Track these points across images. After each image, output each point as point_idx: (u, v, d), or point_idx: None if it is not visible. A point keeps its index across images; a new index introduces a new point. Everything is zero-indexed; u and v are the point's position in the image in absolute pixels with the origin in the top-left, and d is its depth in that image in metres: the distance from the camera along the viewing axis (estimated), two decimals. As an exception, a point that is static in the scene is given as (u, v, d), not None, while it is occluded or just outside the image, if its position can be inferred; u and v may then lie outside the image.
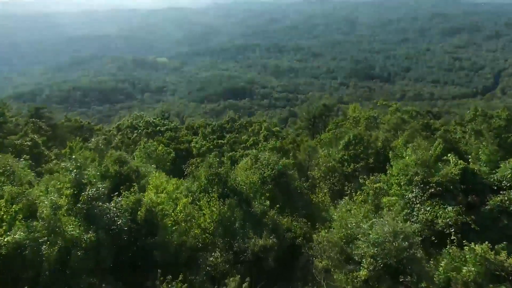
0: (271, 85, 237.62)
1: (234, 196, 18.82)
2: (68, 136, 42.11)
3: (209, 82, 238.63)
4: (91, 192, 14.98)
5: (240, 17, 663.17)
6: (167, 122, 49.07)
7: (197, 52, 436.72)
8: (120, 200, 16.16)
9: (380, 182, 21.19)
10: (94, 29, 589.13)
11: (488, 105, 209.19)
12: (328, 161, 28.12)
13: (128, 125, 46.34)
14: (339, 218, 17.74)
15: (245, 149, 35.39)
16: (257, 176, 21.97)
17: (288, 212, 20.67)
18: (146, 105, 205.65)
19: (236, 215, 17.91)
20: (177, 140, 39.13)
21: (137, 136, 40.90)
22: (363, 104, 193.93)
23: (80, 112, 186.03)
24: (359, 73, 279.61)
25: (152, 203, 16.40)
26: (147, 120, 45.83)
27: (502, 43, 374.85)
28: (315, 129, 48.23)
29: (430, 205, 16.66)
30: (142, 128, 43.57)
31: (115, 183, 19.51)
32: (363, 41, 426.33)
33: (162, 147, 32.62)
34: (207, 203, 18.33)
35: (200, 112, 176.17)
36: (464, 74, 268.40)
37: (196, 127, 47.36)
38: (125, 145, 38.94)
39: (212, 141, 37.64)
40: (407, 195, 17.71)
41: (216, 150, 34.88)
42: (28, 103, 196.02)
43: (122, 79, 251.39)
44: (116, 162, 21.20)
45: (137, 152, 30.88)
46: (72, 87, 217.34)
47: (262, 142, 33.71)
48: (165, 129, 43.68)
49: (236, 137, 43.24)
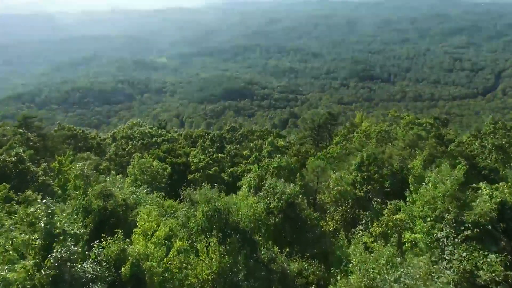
0: (271, 85, 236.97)
1: (237, 235, 16.67)
2: (60, 146, 39.98)
3: (209, 83, 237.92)
4: (59, 253, 12.02)
5: (240, 17, 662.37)
6: (164, 132, 45.90)
7: (197, 52, 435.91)
8: (101, 251, 13.76)
9: (400, 213, 18.84)
10: (94, 30, 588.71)
11: (489, 106, 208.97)
12: (340, 183, 25.42)
13: (123, 135, 44.19)
14: (358, 262, 15.70)
15: (247, 164, 33.80)
16: (262, 206, 19.86)
17: (298, 250, 18.85)
18: (146, 106, 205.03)
19: (239, 263, 15.66)
20: (174, 153, 36.65)
21: (132, 148, 38.71)
22: (367, 108, 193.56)
23: (79, 113, 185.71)
24: (359, 73, 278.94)
25: (139, 255, 14.29)
26: (142, 131, 43.03)
27: (503, 43, 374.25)
28: (320, 138, 46.21)
29: (465, 250, 13.99)
30: (137, 139, 41.29)
31: (99, 220, 17.68)
32: (363, 41, 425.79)
33: (157, 163, 30.65)
34: (205, 248, 16.06)
35: (200, 113, 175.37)
36: (464, 75, 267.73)
37: (195, 137, 45.33)
38: (119, 156, 37.41)
39: (212, 154, 35.55)
40: (436, 233, 15.27)
41: (215, 165, 33.16)
42: (27, 103, 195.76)
43: (122, 80, 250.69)
44: (101, 196, 18.67)
45: (130, 169, 28.91)
46: (71, 88, 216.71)
47: (265, 159, 31.47)
48: (162, 140, 41.44)
49: (237, 148, 41.10)
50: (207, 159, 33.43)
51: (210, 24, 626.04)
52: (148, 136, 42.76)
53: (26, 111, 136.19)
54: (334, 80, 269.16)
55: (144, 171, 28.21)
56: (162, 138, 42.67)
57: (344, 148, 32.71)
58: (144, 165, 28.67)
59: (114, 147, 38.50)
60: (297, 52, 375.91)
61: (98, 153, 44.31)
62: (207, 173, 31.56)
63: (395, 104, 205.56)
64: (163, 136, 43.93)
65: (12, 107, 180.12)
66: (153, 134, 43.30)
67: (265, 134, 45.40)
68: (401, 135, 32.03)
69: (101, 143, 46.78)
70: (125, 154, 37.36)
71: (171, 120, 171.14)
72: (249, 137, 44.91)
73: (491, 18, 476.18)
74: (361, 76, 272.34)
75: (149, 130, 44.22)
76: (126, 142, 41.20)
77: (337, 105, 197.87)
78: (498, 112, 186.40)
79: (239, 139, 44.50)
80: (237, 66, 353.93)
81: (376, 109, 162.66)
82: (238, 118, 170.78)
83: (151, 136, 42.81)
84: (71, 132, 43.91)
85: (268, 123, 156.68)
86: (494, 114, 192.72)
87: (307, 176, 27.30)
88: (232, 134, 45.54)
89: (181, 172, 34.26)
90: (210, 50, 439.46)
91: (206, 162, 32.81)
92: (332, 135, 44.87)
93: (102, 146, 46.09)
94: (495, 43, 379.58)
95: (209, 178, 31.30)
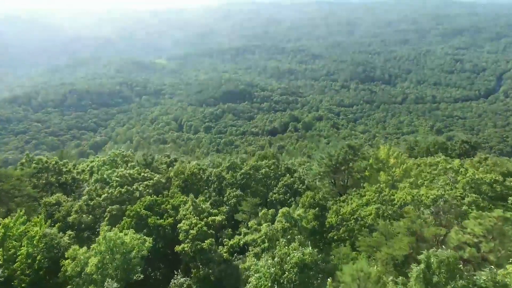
0: (271, 87, 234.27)
1: None
2: (23, 189, 30.90)
3: (208, 85, 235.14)
4: None
5: (239, 18, 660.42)
6: (148, 173, 36.24)
7: (196, 53, 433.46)
8: None
9: None
10: (93, 31, 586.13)
11: (492, 108, 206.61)
12: None
13: (99, 179, 36.21)
14: None
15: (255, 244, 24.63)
16: None
17: None
18: (144, 109, 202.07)
19: None
20: (159, 207, 28.89)
21: (107, 198, 30.53)
22: (368, 111, 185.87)
23: (76, 116, 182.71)
24: (360, 75, 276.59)
25: None
26: (122, 175, 34.04)
27: (503, 44, 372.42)
28: (340, 175, 39.25)
29: None
30: (114, 185, 32.84)
31: None
32: (363, 42, 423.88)
33: (131, 238, 22.93)
34: None
35: (199, 116, 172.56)
36: (465, 76, 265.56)
37: (187, 175, 35.35)
38: (92, 208, 30.63)
39: (207, 216, 26.78)
40: None
41: (210, 232, 25.25)
42: (23, 106, 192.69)
43: (120, 82, 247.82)
44: None
45: (95, 246, 21.99)
46: (68, 90, 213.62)
47: (280, 243, 18.23)
48: (145, 187, 32.99)
49: (240, 195, 33.54)
50: (200, 225, 25.12)
51: (210, 25, 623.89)
52: (129, 180, 35.19)
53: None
54: (334, 82, 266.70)
55: (115, 249, 21.79)
56: (146, 184, 33.83)
57: (386, 227, 22.21)
58: (113, 241, 21.90)
59: (87, 195, 31.75)
60: (296, 53, 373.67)
61: (73, 189, 37.63)
62: (199, 246, 24.41)
63: (397, 106, 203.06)
64: (147, 180, 34.91)
65: (7, 111, 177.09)
66: (135, 177, 34.35)
67: (273, 170, 36.54)
68: (474, 216, 19.85)
69: (77, 179, 38.88)
70: (97, 204, 31.18)
71: (170, 123, 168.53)
72: (254, 175, 35.59)
73: (492, 19, 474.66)
74: (362, 78, 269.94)
75: (130, 172, 35.72)
76: (101, 187, 32.96)
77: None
78: (501, 115, 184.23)
79: (242, 179, 36.92)
80: (237, 67, 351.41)
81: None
82: (238, 121, 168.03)
83: (132, 180, 34.07)
84: (42, 165, 36.91)
85: (268, 126, 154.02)
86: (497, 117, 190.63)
87: (341, 279, 18.09)
88: (233, 173, 37.48)
89: (167, 240, 26.75)
90: (209, 51, 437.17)
91: (198, 230, 24.93)
92: (352, 172, 38.52)
93: (79, 181, 38.77)
94: (495, 44, 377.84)
95: (202, 252, 24.54)
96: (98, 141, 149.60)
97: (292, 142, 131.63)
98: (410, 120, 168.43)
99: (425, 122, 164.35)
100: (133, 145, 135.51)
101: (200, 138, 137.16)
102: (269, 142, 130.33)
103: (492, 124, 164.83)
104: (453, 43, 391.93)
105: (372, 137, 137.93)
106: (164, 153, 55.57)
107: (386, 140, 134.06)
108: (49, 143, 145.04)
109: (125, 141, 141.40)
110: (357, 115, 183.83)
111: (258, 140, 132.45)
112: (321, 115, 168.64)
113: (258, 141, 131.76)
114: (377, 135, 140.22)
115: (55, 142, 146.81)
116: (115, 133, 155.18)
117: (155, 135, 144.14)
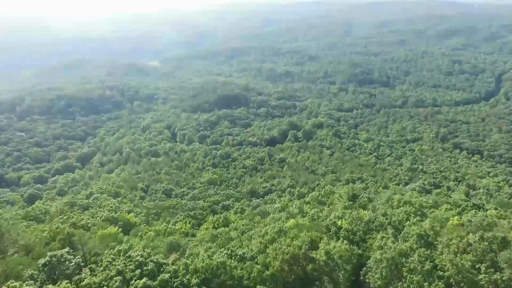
0: (268, 91, 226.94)
1: None
2: None
3: (203, 89, 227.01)
4: None
5: (234, 19, 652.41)
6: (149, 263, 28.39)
7: (190, 55, 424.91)
8: None
9: None
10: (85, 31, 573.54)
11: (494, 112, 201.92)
12: None
13: None
14: None
15: None
16: None
17: None
18: (135, 115, 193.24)
19: None
20: None
21: None
22: (369, 115, 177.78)
23: (63, 124, 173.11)
24: (358, 77, 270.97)
25: None
26: None
27: (499, 45, 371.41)
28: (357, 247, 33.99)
29: None
30: None
31: None
32: (359, 43, 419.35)
33: None
34: None
35: (193, 124, 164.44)
36: (464, 78, 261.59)
37: None
38: None
39: None
40: None
41: None
42: (6, 114, 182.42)
43: (111, 86, 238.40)
44: None
45: None
46: (56, 96, 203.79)
47: None
48: None
49: None
50: None
51: (204, 26, 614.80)
52: None
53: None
54: (332, 85, 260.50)
55: None
56: (143, 284, 27.03)
57: None
58: None
59: None
60: (293, 55, 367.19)
61: None
62: None
63: (398, 110, 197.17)
64: None
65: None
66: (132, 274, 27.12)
67: None
68: None
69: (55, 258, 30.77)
70: None
71: (162, 132, 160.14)
72: None
73: (486, 19, 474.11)
74: (360, 80, 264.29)
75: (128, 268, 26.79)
76: None
77: (338, 112, 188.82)
78: (504, 118, 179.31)
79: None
80: (232, 70, 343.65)
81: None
82: (234, 129, 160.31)
83: None
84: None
85: (266, 135, 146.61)
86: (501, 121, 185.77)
87: None
88: None
89: None
90: (203, 52, 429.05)
91: None
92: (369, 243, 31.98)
93: None
94: (491, 45, 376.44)
95: None
96: (86, 152, 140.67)
97: (293, 154, 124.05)
98: (413, 126, 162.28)
99: (429, 128, 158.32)
100: (122, 158, 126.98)
101: (195, 150, 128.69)
102: (268, 154, 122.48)
103: (497, 129, 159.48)
104: (449, 44, 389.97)
105: (377, 147, 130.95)
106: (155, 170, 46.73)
107: (391, 150, 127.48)
108: (33, 155, 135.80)
109: (114, 153, 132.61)
110: (358, 121, 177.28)
111: (256, 152, 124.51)
112: (321, 121, 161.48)
113: (257, 152, 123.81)
114: (382, 145, 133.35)
115: (40, 154, 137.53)
116: (104, 143, 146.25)
117: (147, 146, 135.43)
